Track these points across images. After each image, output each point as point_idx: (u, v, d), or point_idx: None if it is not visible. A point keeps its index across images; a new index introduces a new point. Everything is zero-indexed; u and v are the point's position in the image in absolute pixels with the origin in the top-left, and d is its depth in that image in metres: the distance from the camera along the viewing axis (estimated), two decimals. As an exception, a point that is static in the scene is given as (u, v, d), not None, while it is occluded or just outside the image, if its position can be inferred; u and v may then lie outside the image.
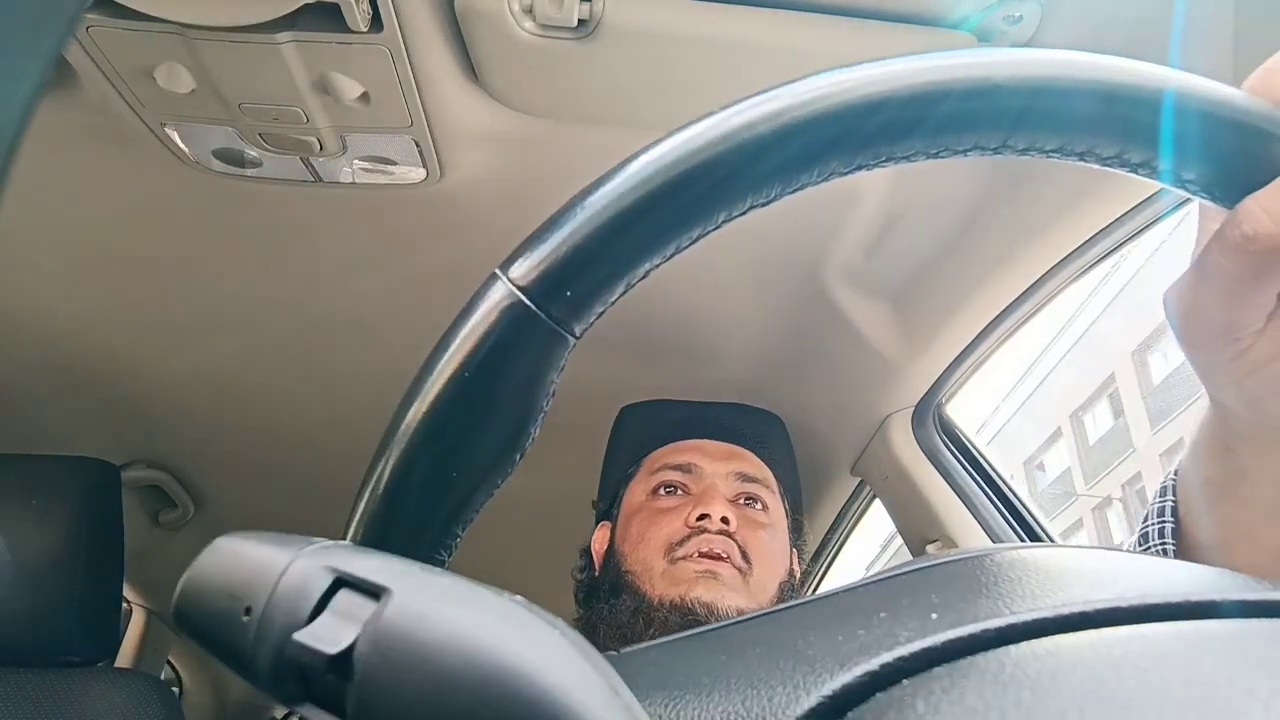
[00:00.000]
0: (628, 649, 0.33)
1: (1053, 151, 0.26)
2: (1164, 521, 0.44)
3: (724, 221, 0.25)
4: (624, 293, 0.25)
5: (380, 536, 0.24)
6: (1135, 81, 0.25)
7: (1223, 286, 0.31)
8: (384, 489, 0.24)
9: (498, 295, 0.24)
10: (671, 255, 0.25)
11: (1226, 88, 0.26)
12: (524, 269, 0.24)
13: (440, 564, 0.25)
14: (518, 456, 0.25)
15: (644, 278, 0.25)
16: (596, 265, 0.24)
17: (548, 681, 0.14)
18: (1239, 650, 0.19)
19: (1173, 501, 0.44)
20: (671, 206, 0.24)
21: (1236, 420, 0.37)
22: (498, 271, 0.24)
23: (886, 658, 0.20)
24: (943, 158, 0.26)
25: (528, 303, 0.23)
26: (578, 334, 0.24)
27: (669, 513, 0.87)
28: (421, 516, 0.24)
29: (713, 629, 0.33)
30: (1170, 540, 0.44)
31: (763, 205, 0.25)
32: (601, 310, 0.25)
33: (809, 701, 0.20)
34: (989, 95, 0.24)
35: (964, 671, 0.19)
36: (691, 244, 0.25)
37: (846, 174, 0.25)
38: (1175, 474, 0.45)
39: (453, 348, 0.24)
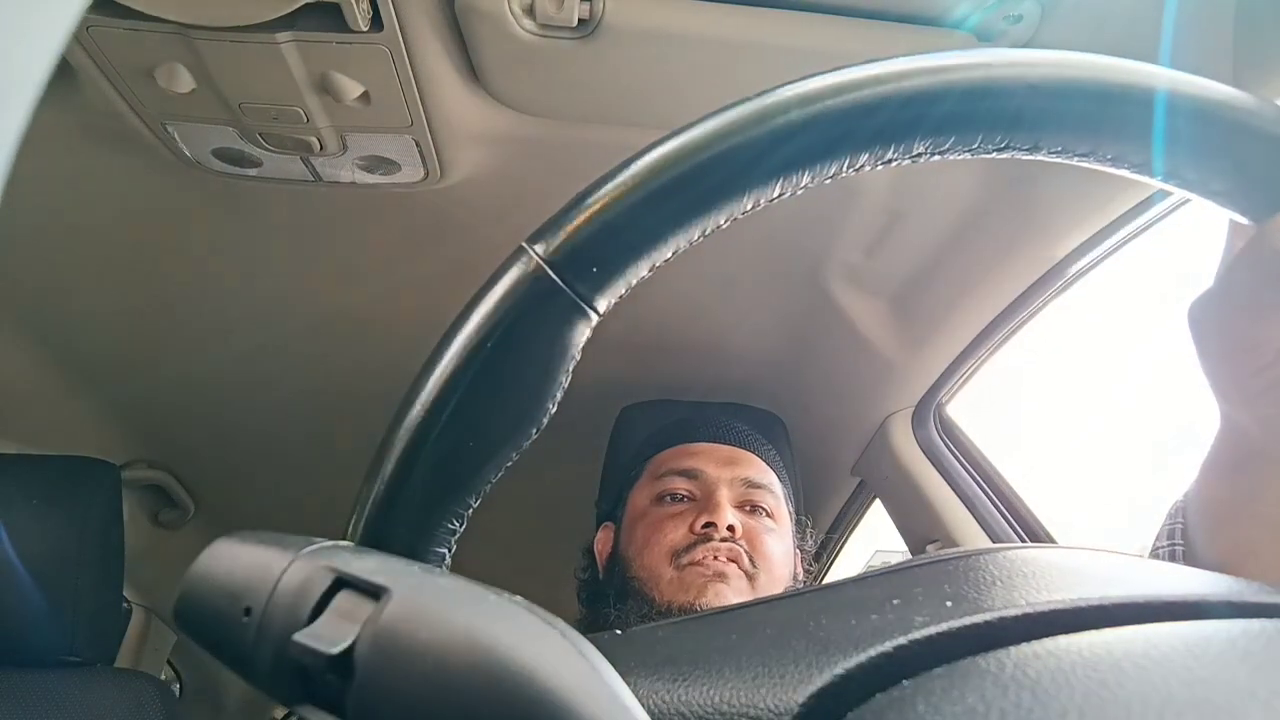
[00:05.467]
0: (639, 628, 0.33)
1: (1083, 155, 0.26)
2: (1174, 544, 0.44)
3: (753, 207, 0.25)
4: (649, 273, 0.25)
5: (383, 529, 0.24)
6: (1167, 89, 0.25)
7: (1248, 302, 0.31)
8: (398, 457, 0.24)
9: (523, 268, 0.24)
10: (698, 238, 0.25)
11: (1260, 100, 0.26)
12: (551, 243, 0.24)
13: (441, 557, 0.25)
14: (534, 431, 0.25)
15: (669, 259, 0.25)
16: (624, 243, 0.24)
17: (548, 681, 0.14)
18: (1239, 651, 0.19)
19: (1181, 523, 0.44)
20: (702, 187, 0.24)
21: (1248, 439, 0.37)
22: (524, 244, 0.24)
23: (902, 640, 0.20)
24: (985, 154, 0.26)
25: (553, 276, 0.23)
26: (601, 311, 0.24)
27: (674, 519, 0.87)
28: (428, 496, 0.24)
29: (723, 611, 0.33)
30: (1179, 563, 0.44)
31: (793, 193, 0.25)
32: (625, 290, 0.25)
33: (821, 680, 0.20)
34: (1032, 96, 0.25)
35: (964, 672, 0.19)
36: (718, 229, 0.25)
37: (877, 167, 0.25)
38: (1185, 495, 0.45)
39: (476, 318, 0.24)
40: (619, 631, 0.32)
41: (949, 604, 0.22)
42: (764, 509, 0.90)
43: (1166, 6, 0.58)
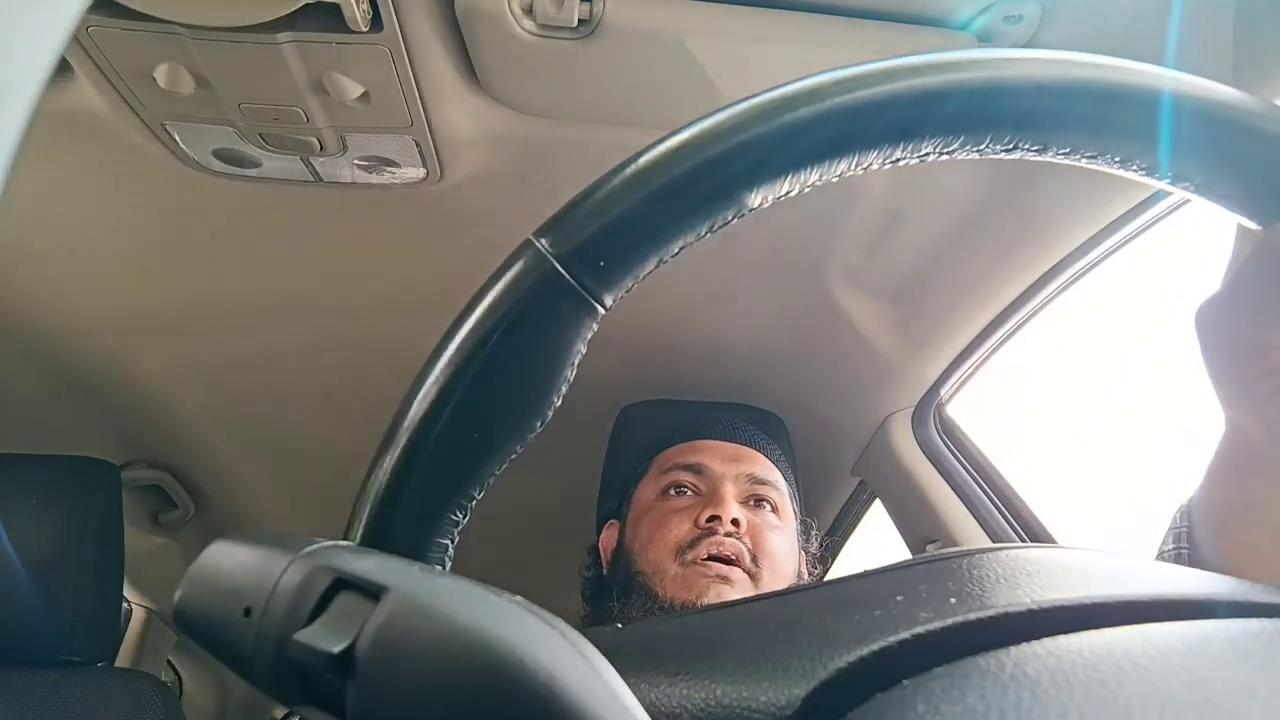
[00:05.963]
0: (641, 622, 0.33)
1: (1091, 157, 0.26)
2: (1179, 548, 0.44)
3: (761, 204, 0.25)
4: (655, 267, 0.25)
5: (383, 529, 0.24)
6: (1180, 92, 0.25)
7: (1255, 306, 0.31)
8: (402, 449, 0.24)
9: (531, 261, 0.24)
10: (705, 234, 0.25)
11: (1269, 104, 0.26)
12: (559, 236, 0.24)
13: (445, 549, 0.25)
14: (538, 424, 0.25)
15: (676, 254, 0.25)
16: (632, 237, 0.24)
17: (548, 682, 0.14)
18: (1240, 651, 0.19)
19: (1186, 528, 0.44)
20: (711, 184, 0.24)
21: (1253, 444, 0.37)
22: (532, 238, 0.24)
23: (906, 635, 0.20)
24: (997, 154, 0.26)
25: (560, 270, 0.23)
26: (607, 305, 0.24)
27: (679, 513, 0.87)
28: (436, 480, 0.24)
29: (727, 605, 0.33)
30: (1186, 565, 0.43)
31: (800, 191, 0.25)
32: (632, 284, 0.25)
33: (825, 673, 0.20)
34: (1042, 96, 0.25)
35: (964, 672, 0.19)
36: (725, 225, 0.25)
37: (886, 166, 0.25)
38: (1190, 500, 0.45)
39: (482, 310, 0.24)
40: (620, 625, 0.32)
41: (953, 600, 0.22)
42: (769, 503, 0.91)
43: (1164, 7, 0.58)
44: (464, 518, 0.25)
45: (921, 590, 0.24)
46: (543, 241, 0.24)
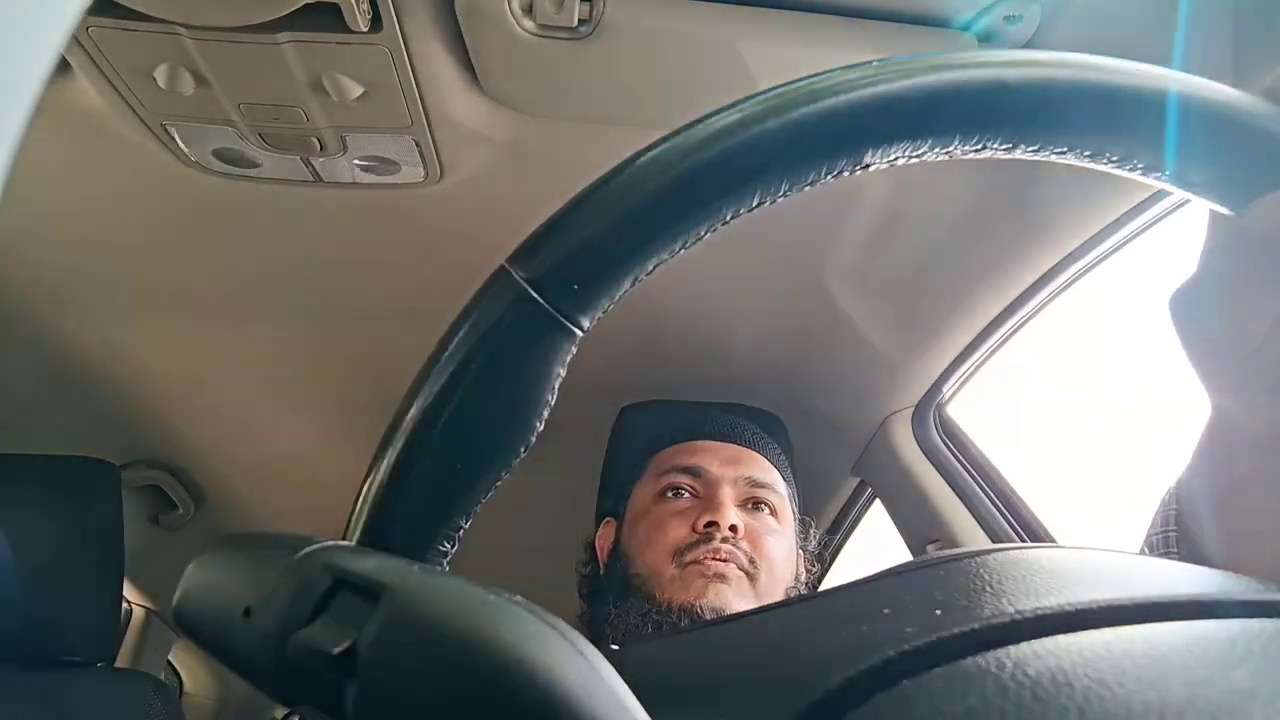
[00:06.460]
0: (632, 644, 0.33)
1: (1063, 152, 0.26)
2: (1168, 530, 0.44)
3: (732, 218, 0.25)
4: (631, 287, 0.25)
5: (382, 531, 0.24)
6: (1143, 84, 0.25)
7: (1229, 289, 0.31)
8: (387, 482, 0.24)
9: (505, 288, 0.24)
10: (679, 251, 0.25)
11: (1235, 91, 0.26)
12: (531, 262, 0.24)
13: (440, 562, 0.25)
14: (522, 450, 0.25)
15: (651, 273, 0.25)
16: (604, 259, 0.24)
17: (547, 680, 0.14)
18: (1240, 651, 0.19)
19: (1175, 509, 0.44)
20: (679, 202, 0.24)
21: (1239, 426, 0.37)
22: (505, 264, 0.24)
23: (891, 653, 0.20)
24: (954, 156, 0.26)
25: (535, 296, 0.23)
26: (585, 328, 0.24)
27: (677, 517, 0.87)
28: (424, 511, 0.24)
29: (718, 624, 0.33)
30: (1174, 549, 0.44)
31: (772, 202, 0.25)
32: (608, 305, 0.25)
33: (813, 696, 0.20)
34: (1006, 94, 0.25)
35: (965, 672, 0.19)
36: (698, 240, 0.25)
37: (856, 171, 0.25)
38: (1178, 481, 0.45)
39: (459, 340, 0.24)
40: (615, 647, 0.33)
41: (938, 612, 0.22)
42: (767, 506, 0.90)
43: (1165, 7, 0.58)
44: (452, 547, 0.25)
45: (909, 601, 0.24)
46: (516, 267, 0.24)
